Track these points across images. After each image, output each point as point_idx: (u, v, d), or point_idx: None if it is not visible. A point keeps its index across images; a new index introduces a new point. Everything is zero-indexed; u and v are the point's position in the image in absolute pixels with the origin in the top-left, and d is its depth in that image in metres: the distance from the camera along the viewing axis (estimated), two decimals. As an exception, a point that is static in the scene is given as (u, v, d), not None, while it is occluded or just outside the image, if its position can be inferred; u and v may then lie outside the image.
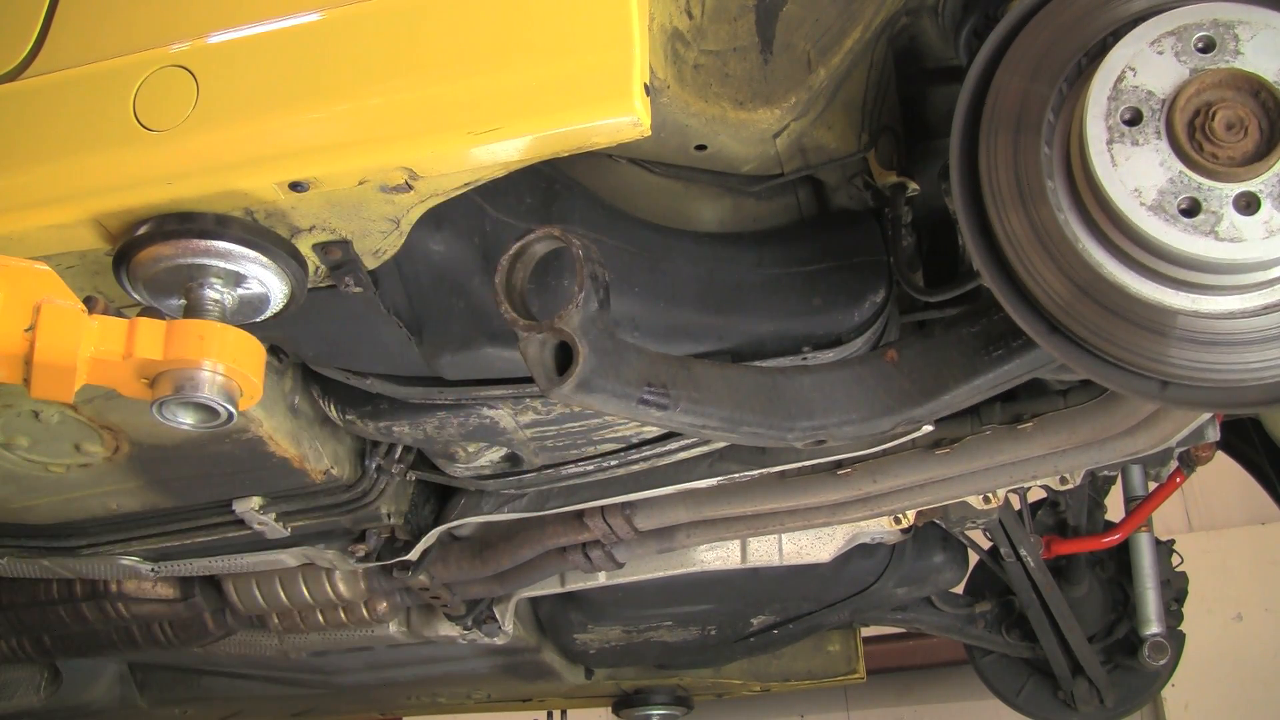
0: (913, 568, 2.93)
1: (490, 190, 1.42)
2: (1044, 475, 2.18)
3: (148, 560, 2.33)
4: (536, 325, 1.32)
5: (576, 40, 1.21)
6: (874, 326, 1.88)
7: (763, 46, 1.64)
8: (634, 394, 1.62)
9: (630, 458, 2.08)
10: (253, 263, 1.29)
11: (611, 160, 1.84)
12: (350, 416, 1.93)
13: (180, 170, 1.27)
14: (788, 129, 1.70)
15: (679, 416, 1.66)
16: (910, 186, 1.89)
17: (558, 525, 2.38)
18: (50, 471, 1.95)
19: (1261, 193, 1.32)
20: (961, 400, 1.73)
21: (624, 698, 3.78)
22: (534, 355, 1.35)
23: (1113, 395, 1.99)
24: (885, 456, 2.19)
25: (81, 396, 1.37)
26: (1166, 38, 1.38)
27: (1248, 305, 1.39)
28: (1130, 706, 3.35)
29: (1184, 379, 1.41)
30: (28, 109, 1.37)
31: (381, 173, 1.25)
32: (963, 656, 3.65)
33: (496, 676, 3.30)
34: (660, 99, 1.49)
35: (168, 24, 1.37)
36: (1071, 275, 1.41)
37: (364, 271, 1.42)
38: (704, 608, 3.04)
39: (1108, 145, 1.36)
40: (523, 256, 1.34)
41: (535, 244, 1.33)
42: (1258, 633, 5.44)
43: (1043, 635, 3.12)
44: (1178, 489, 2.89)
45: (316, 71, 1.28)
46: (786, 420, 1.72)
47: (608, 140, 1.22)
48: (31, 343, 1.13)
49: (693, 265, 1.85)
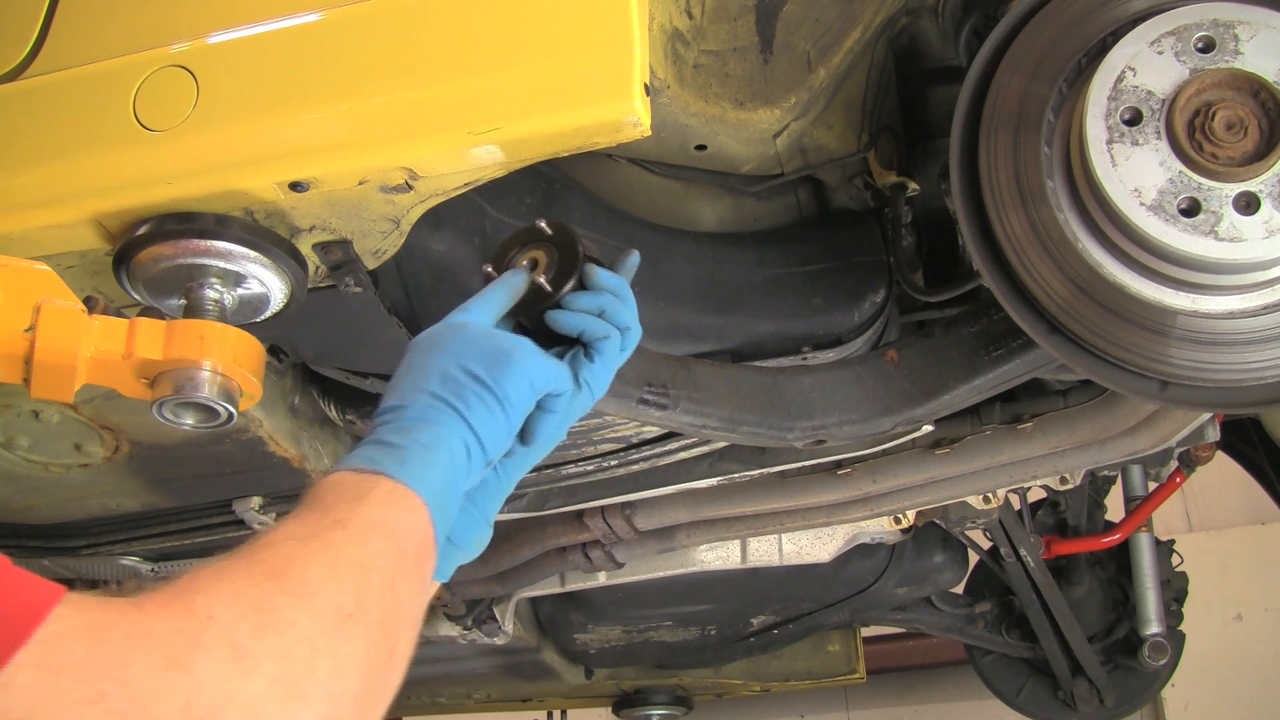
0: (913, 568, 2.93)
1: (490, 190, 1.42)
2: (1044, 475, 2.18)
3: (148, 560, 2.33)
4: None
5: (576, 40, 1.21)
6: (874, 326, 1.88)
7: (763, 46, 1.64)
8: (634, 394, 1.62)
9: (630, 458, 2.08)
10: (253, 263, 1.29)
11: (611, 160, 1.84)
12: (350, 416, 1.93)
13: (180, 170, 1.26)
14: (788, 129, 1.70)
15: (679, 416, 1.66)
16: (910, 186, 1.89)
17: (558, 525, 2.38)
18: (50, 471, 1.95)
19: (1261, 193, 1.32)
20: (961, 400, 1.73)
21: (624, 698, 3.78)
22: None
23: (1113, 395, 1.99)
24: (885, 456, 2.19)
25: (81, 396, 1.37)
26: (1166, 38, 1.38)
27: (1248, 305, 1.39)
28: (1130, 706, 3.36)
29: (1184, 379, 1.41)
30: (28, 109, 1.37)
31: (381, 173, 1.25)
32: (963, 656, 3.65)
33: (496, 676, 3.30)
34: (660, 99, 1.49)
35: (168, 24, 1.37)
36: (1071, 275, 1.41)
37: (364, 271, 1.41)
38: (704, 608, 3.05)
39: (1108, 145, 1.36)
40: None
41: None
42: (1258, 633, 5.44)
43: (1043, 635, 3.12)
44: (1178, 489, 2.90)
45: (317, 71, 1.28)
46: (786, 420, 1.73)
47: (608, 140, 1.22)
48: (31, 343, 1.13)
49: (693, 265, 1.85)
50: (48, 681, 0.68)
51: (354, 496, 0.95)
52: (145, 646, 0.73)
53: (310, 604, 0.82)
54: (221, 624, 0.77)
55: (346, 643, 0.83)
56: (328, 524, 0.91)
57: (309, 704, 0.78)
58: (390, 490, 0.97)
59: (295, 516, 0.93)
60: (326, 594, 0.84)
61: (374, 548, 0.91)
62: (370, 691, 0.84)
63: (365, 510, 0.94)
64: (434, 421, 1.06)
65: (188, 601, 0.78)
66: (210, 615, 0.77)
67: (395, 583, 0.91)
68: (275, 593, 0.81)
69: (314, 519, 0.92)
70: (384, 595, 0.89)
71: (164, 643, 0.74)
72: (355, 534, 0.91)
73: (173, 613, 0.76)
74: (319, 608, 0.83)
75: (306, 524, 0.91)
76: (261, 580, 0.82)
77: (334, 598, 0.84)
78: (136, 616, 0.75)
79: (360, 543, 0.90)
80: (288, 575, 0.84)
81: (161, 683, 0.71)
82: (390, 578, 0.91)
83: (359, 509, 0.94)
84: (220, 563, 0.84)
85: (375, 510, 0.94)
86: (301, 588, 0.83)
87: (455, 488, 1.05)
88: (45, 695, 0.68)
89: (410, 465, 1.00)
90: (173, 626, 0.75)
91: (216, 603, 0.78)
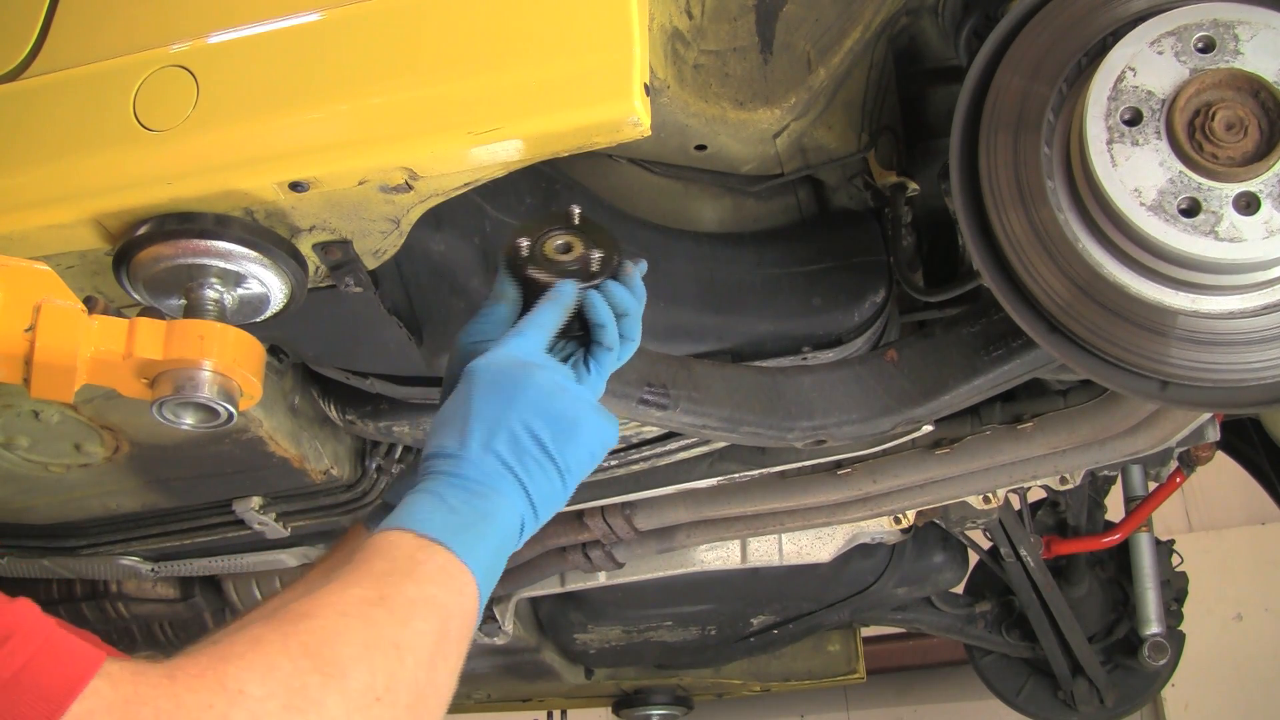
0: (913, 568, 2.93)
1: (490, 190, 1.42)
2: (1044, 475, 2.18)
3: (148, 560, 2.33)
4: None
5: (576, 40, 1.21)
6: (874, 326, 1.88)
7: (763, 46, 1.64)
8: (634, 394, 1.62)
9: (630, 458, 2.08)
10: (253, 263, 1.28)
11: (611, 160, 1.84)
12: (350, 416, 1.93)
13: (180, 170, 1.26)
14: (788, 129, 1.70)
15: (679, 416, 1.66)
16: (910, 186, 1.89)
17: (558, 525, 2.38)
18: (50, 471, 1.95)
19: (1261, 193, 1.32)
20: (961, 400, 1.73)
21: (624, 698, 3.78)
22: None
23: (1113, 395, 1.99)
24: (885, 456, 2.19)
25: (81, 396, 1.37)
26: (1166, 38, 1.38)
27: (1248, 305, 1.39)
28: (1130, 706, 3.36)
29: (1184, 379, 1.41)
30: (28, 109, 1.36)
31: (381, 173, 1.24)
32: (963, 656, 3.65)
33: (496, 676, 3.30)
34: (660, 99, 1.49)
35: (168, 24, 1.37)
36: (1071, 275, 1.41)
37: (364, 271, 1.41)
38: (704, 608, 3.05)
39: (1108, 145, 1.36)
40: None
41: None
42: (1258, 633, 5.44)
43: (1043, 635, 3.12)
44: (1178, 489, 2.89)
45: (317, 71, 1.28)
46: (786, 420, 1.73)
47: (608, 140, 1.22)
48: (31, 343, 1.13)
49: (693, 265, 1.85)
50: None
51: (406, 568, 0.97)
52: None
53: (340, 684, 0.85)
54: (251, 700, 0.79)
55: None
56: (372, 599, 0.93)
57: None
58: (444, 566, 0.99)
59: (342, 581, 0.95)
60: (358, 675, 0.86)
61: (416, 628, 0.93)
62: None
63: (413, 587, 0.95)
64: (495, 490, 1.06)
65: (220, 673, 0.80)
66: (241, 690, 0.79)
67: (434, 663, 0.93)
68: (308, 671, 0.84)
69: (358, 593, 0.93)
70: (417, 676, 0.91)
71: (195, 719, 0.76)
72: (398, 613, 0.93)
73: (205, 684, 0.79)
74: (348, 689, 0.85)
75: (350, 596, 0.93)
76: (297, 656, 0.84)
77: (365, 679, 0.86)
78: (170, 690, 0.77)
79: (402, 623, 0.92)
80: (322, 654, 0.86)
81: None
82: (429, 658, 0.93)
83: (406, 585, 0.95)
84: (257, 629, 0.86)
85: (425, 587, 0.96)
86: (334, 668, 0.85)
87: (504, 558, 1.07)
88: None
89: (467, 537, 1.01)
90: (204, 701, 0.78)
91: (248, 677, 0.81)
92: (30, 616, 0.76)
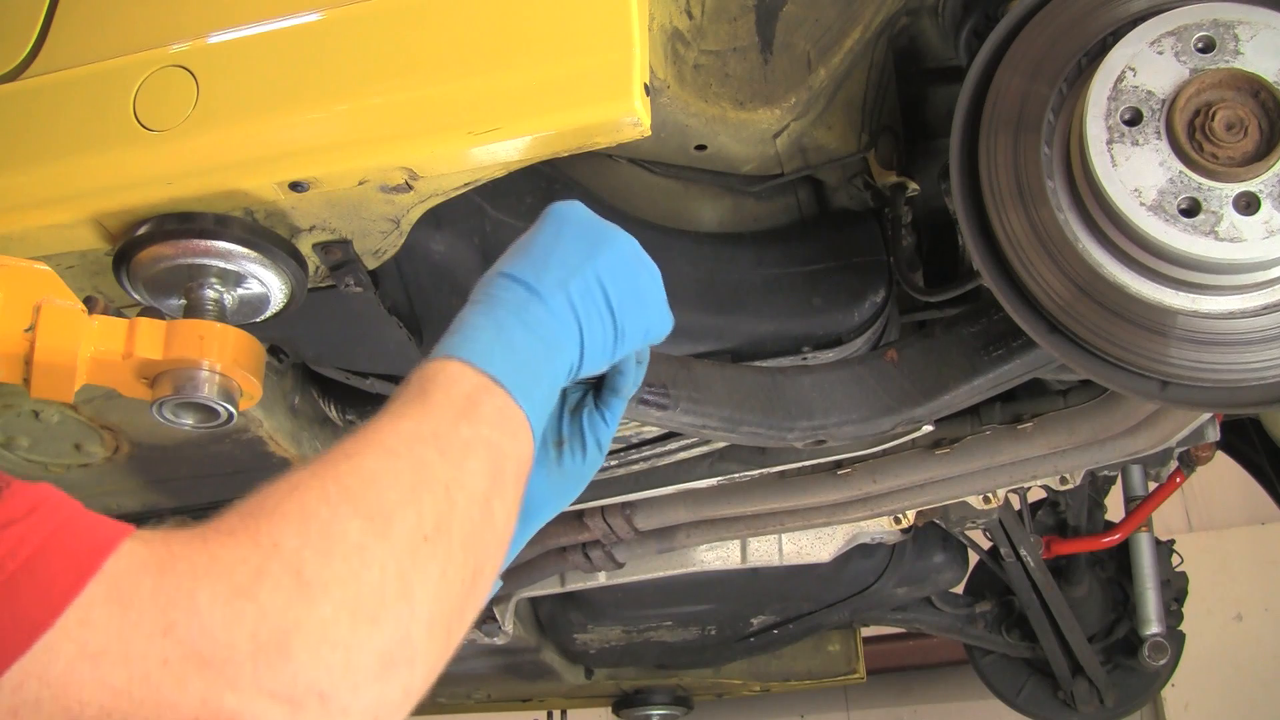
0: (913, 568, 2.93)
1: (490, 190, 1.42)
2: (1044, 475, 2.18)
3: (148, 560, 2.33)
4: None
5: (576, 40, 1.21)
6: (874, 326, 1.88)
7: (763, 46, 1.64)
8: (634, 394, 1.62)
9: (630, 458, 2.08)
10: (253, 263, 1.29)
11: (611, 160, 1.84)
12: (350, 416, 1.93)
13: (180, 170, 1.26)
14: (788, 129, 1.70)
15: (679, 416, 1.66)
16: (910, 186, 1.89)
17: (558, 525, 2.38)
18: (50, 471, 1.95)
19: (1261, 193, 1.32)
20: (961, 400, 1.73)
21: (624, 698, 3.78)
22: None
23: (1113, 395, 1.99)
24: (885, 456, 2.19)
25: (81, 396, 1.37)
26: (1166, 38, 1.38)
27: (1248, 305, 1.39)
28: (1130, 706, 3.36)
29: (1184, 379, 1.41)
30: (27, 109, 1.37)
31: (381, 173, 1.25)
32: (963, 656, 3.64)
33: (496, 676, 3.30)
34: (660, 99, 1.49)
35: (168, 24, 1.37)
36: (1071, 275, 1.41)
37: (364, 271, 1.42)
38: (704, 608, 3.04)
39: (1108, 145, 1.36)
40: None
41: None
42: (1258, 633, 5.43)
43: (1043, 635, 3.11)
44: (1178, 489, 2.89)
45: (316, 71, 1.28)
46: (786, 420, 1.73)
47: (608, 140, 1.22)
48: (31, 343, 1.13)
49: (693, 265, 1.85)
50: (119, 614, 0.70)
51: (463, 405, 0.92)
52: (212, 577, 0.73)
53: (383, 527, 0.80)
54: (286, 552, 0.76)
55: (419, 567, 0.81)
56: (425, 435, 0.88)
57: (378, 628, 0.77)
58: (501, 409, 0.95)
59: (394, 413, 0.90)
60: (403, 517, 0.82)
61: (469, 467, 0.88)
62: (444, 614, 0.83)
63: (468, 428, 0.91)
64: (557, 334, 1.03)
65: (254, 529, 0.78)
66: (275, 544, 0.77)
67: (489, 502, 0.89)
68: (347, 516, 0.80)
69: (409, 427, 0.89)
70: (471, 514, 0.87)
71: (230, 572, 0.74)
72: (450, 453, 0.88)
73: (238, 541, 0.77)
74: (393, 531, 0.81)
75: (401, 430, 0.89)
76: (336, 501, 0.81)
77: (412, 520, 0.82)
78: (202, 547, 0.75)
79: (454, 464, 0.88)
80: (365, 497, 0.82)
81: (228, 612, 0.72)
82: (484, 496, 0.89)
83: (461, 425, 0.91)
84: (297, 475, 0.83)
85: (481, 429, 0.92)
86: (376, 510, 0.81)
87: (552, 403, 1.04)
88: (117, 627, 0.69)
89: (525, 379, 0.97)
90: (238, 556, 0.75)
91: (283, 529, 0.78)
92: (55, 492, 0.75)
